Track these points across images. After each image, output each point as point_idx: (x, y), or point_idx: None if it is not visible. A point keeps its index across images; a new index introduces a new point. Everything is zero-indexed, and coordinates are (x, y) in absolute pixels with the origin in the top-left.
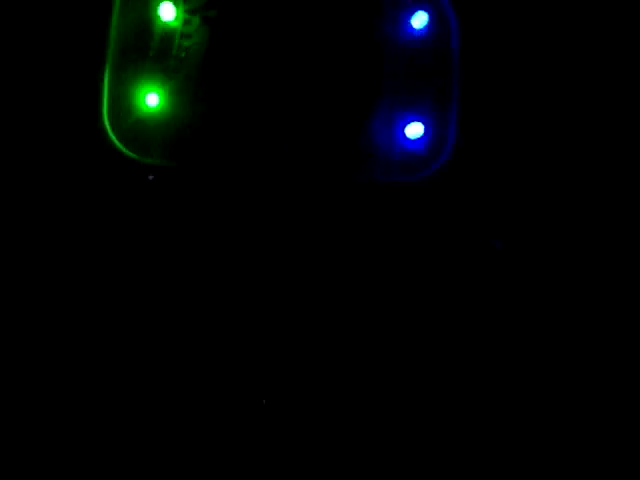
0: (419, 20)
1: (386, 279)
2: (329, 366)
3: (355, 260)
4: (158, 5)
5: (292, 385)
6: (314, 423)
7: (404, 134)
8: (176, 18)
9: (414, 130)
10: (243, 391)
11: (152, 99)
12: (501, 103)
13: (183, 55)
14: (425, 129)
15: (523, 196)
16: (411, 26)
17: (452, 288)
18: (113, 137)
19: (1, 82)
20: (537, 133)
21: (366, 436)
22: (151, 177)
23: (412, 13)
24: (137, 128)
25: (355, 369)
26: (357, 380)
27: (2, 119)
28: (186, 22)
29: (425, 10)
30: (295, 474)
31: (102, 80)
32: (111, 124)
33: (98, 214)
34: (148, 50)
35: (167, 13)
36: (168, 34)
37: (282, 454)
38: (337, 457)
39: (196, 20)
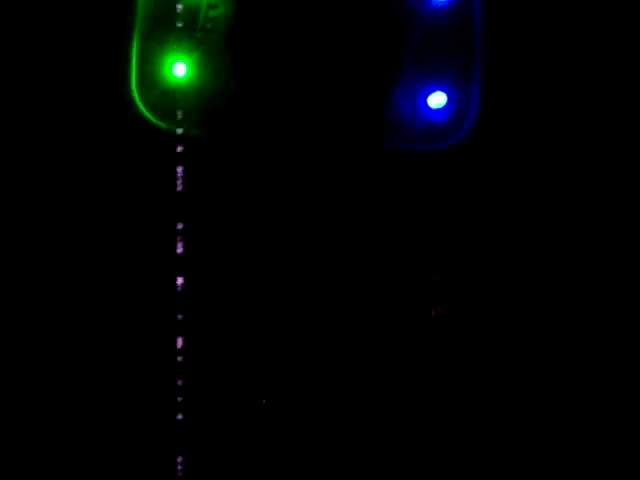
0: None
1: (405, 249)
2: (330, 361)
3: (375, 229)
4: None
5: (292, 385)
6: (314, 423)
7: (427, 104)
8: None
9: (436, 100)
10: (243, 391)
11: (179, 69)
12: (524, 72)
13: (210, 26)
14: (448, 99)
15: (545, 167)
16: None
17: (471, 260)
18: (142, 107)
19: (27, 51)
20: (561, 105)
21: (366, 436)
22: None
23: None
24: (165, 98)
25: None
26: (359, 377)
27: (29, 89)
28: None
29: None
30: (295, 474)
31: (130, 50)
32: (139, 94)
33: (127, 184)
34: (175, 21)
35: None
36: (195, 4)
37: (282, 454)
38: (337, 457)
39: None
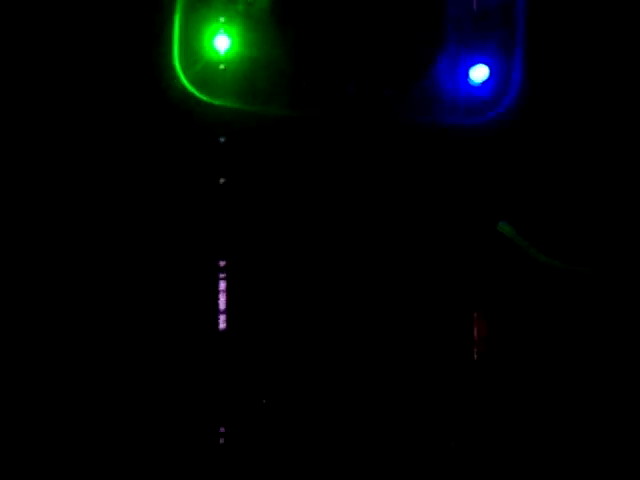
0: None
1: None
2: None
3: (415, 198)
4: None
5: (292, 385)
6: (314, 423)
7: (469, 77)
8: None
9: (479, 73)
10: (243, 391)
11: (222, 42)
12: (568, 45)
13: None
14: (490, 72)
15: (590, 141)
16: None
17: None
18: (184, 80)
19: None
20: (606, 78)
21: (366, 437)
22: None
23: None
24: (208, 72)
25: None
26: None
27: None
28: None
29: None
30: (295, 474)
31: (172, 22)
32: (182, 67)
33: (171, 158)
34: None
35: None
36: None
37: (282, 454)
38: (337, 457)
39: None
